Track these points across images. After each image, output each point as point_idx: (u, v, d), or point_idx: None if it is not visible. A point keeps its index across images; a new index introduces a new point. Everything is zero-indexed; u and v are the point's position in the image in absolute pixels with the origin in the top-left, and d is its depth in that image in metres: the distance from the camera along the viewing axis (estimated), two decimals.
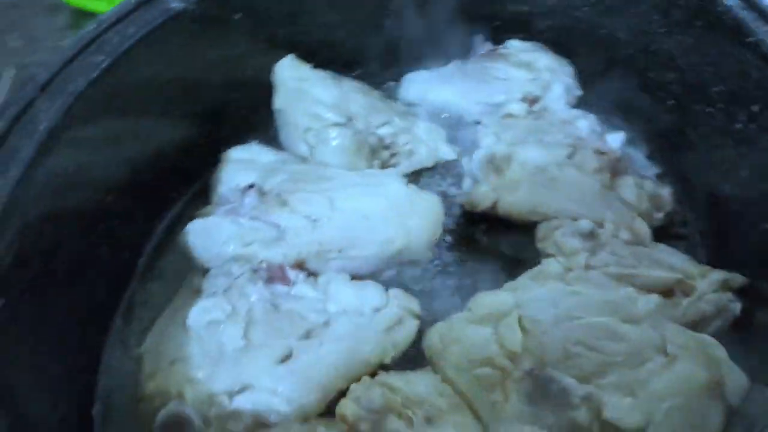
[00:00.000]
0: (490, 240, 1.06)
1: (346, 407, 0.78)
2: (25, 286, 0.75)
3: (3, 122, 0.78)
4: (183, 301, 0.92)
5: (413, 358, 0.90)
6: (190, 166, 1.09)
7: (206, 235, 0.95)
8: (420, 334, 0.90)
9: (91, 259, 0.91)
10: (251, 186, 1.00)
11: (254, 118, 1.18)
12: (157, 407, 0.79)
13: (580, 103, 1.21)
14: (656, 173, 1.13)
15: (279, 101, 1.12)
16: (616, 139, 1.08)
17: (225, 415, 0.78)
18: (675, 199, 1.07)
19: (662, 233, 1.03)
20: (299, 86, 1.12)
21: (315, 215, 0.95)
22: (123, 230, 0.98)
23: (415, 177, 1.14)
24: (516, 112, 1.15)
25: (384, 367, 0.87)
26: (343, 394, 0.81)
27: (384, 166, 1.10)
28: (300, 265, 0.94)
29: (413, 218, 0.96)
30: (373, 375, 0.84)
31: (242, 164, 1.05)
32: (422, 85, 1.24)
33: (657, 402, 0.76)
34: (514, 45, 1.25)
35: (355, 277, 0.94)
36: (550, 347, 0.82)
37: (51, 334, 0.81)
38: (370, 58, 1.26)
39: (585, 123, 1.10)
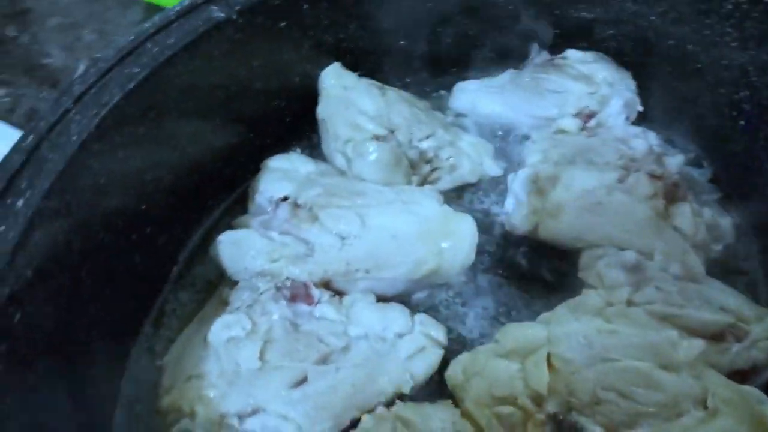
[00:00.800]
0: (530, 264, 1.01)
1: None
2: (49, 296, 0.75)
3: (35, 135, 0.78)
4: (210, 312, 0.92)
5: (437, 386, 0.87)
6: (230, 173, 1.08)
7: (236, 247, 0.94)
8: (446, 361, 0.87)
9: (122, 267, 0.90)
10: (285, 198, 0.98)
11: (299, 126, 1.16)
12: (170, 423, 0.79)
13: (642, 120, 1.14)
14: (719, 197, 1.05)
15: (322, 110, 1.10)
16: (674, 162, 1.00)
17: None
18: (737, 229, 0.98)
19: (720, 267, 0.96)
20: (343, 95, 1.10)
21: (344, 233, 0.92)
22: (157, 238, 0.97)
23: (458, 193, 1.10)
24: (568, 127, 1.09)
25: (403, 396, 0.83)
26: (356, 423, 0.79)
27: (424, 181, 1.06)
28: (326, 284, 0.91)
29: (446, 240, 0.92)
30: (389, 404, 0.81)
31: (280, 174, 1.03)
32: (473, 96, 1.19)
33: None
34: (573, 55, 1.18)
35: (382, 298, 0.91)
36: (578, 390, 0.77)
37: (76, 341, 0.81)
38: (421, 66, 1.23)
39: (642, 142, 1.02)
